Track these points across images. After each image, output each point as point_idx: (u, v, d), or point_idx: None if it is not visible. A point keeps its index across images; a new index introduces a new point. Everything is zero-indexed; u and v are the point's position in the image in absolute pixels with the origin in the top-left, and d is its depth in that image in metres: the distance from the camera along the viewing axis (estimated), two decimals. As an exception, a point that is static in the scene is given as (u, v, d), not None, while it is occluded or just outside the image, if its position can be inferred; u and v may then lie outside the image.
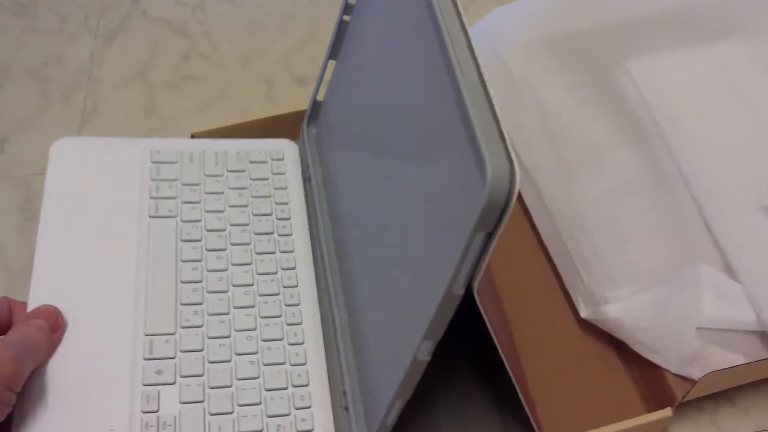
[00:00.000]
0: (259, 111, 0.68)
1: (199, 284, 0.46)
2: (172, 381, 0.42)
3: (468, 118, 0.29)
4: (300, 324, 0.46)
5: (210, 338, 0.44)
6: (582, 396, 0.48)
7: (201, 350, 0.43)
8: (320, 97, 0.54)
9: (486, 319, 0.37)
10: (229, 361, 0.43)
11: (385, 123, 0.41)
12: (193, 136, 0.56)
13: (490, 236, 0.30)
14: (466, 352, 0.48)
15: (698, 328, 0.44)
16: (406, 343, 0.35)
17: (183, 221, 0.48)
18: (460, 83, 0.30)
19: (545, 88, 0.58)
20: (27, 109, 0.68)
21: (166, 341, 0.43)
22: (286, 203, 0.51)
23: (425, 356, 0.34)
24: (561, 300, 0.52)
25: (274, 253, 0.48)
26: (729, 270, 0.47)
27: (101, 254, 0.46)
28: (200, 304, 0.45)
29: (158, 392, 0.41)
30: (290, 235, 0.50)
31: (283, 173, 0.53)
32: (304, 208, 0.52)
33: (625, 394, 0.48)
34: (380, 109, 0.42)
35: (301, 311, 0.46)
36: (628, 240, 0.50)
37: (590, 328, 0.50)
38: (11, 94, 0.70)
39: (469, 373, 0.47)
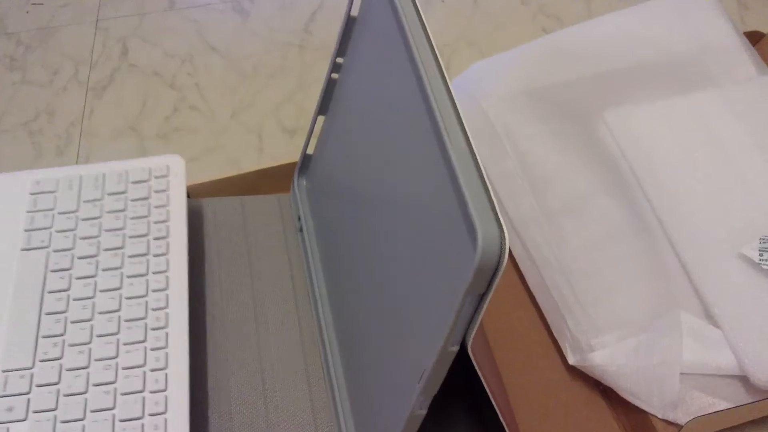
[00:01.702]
0: (250, 161, 0.69)
1: (62, 315, 0.44)
2: (23, 417, 0.41)
3: (458, 184, 0.31)
4: (164, 348, 0.44)
5: (67, 370, 0.42)
6: (572, 441, 0.49)
7: (56, 383, 0.42)
8: (310, 151, 0.55)
9: (479, 373, 0.38)
10: (84, 393, 0.42)
11: (375, 180, 0.42)
12: (188, 193, 0.57)
13: (482, 297, 0.31)
14: (459, 399, 0.48)
15: (681, 374, 0.46)
16: (402, 397, 0.36)
17: (54, 251, 0.47)
18: (448, 150, 0.32)
19: (526, 138, 0.59)
20: (20, 161, 0.69)
21: (21, 376, 0.42)
22: (165, 221, 0.49)
23: (421, 410, 0.35)
24: (549, 346, 0.53)
25: (145, 275, 0.46)
26: (709, 316, 0.49)
27: None
28: (61, 335, 0.44)
29: (7, 429, 0.40)
30: (165, 254, 0.47)
31: (164, 190, 0.51)
32: (185, 224, 0.49)
33: (614, 439, 0.49)
34: (369, 165, 0.43)
35: (167, 334, 0.44)
36: (611, 288, 0.51)
37: (578, 374, 0.51)
38: (4, 146, 0.71)
39: (461, 419, 0.48)
